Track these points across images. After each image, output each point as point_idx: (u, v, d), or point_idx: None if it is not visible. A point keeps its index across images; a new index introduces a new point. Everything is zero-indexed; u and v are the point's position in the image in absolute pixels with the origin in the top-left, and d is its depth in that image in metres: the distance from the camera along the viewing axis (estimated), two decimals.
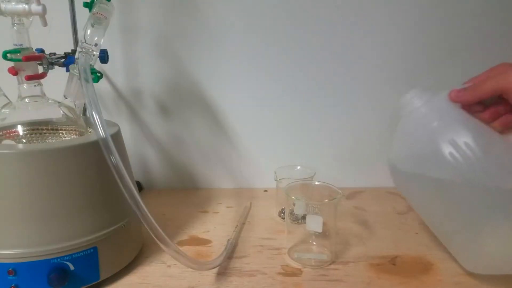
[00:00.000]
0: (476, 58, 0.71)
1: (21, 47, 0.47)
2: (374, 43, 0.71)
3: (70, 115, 0.52)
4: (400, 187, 0.54)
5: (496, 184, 0.42)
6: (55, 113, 0.51)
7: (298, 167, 0.67)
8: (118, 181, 0.40)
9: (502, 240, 0.44)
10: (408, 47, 0.71)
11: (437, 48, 0.71)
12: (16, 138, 0.50)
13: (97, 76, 0.49)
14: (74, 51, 0.54)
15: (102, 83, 0.72)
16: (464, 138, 0.43)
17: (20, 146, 0.45)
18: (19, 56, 0.47)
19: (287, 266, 0.51)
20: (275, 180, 0.65)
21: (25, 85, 0.48)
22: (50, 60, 0.51)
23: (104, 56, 0.51)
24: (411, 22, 0.70)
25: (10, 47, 0.47)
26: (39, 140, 0.52)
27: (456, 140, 0.43)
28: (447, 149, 0.44)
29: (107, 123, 0.42)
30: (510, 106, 0.44)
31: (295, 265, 0.51)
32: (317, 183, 0.56)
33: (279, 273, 0.49)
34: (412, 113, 0.48)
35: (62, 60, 0.52)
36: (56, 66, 0.52)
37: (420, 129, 0.47)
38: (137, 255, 0.52)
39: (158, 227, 0.41)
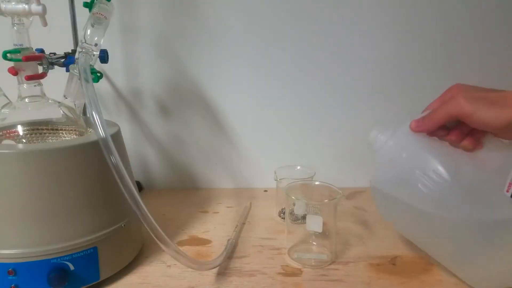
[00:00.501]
0: (474, 58, 0.71)
1: (21, 47, 0.47)
2: (374, 43, 0.71)
3: (70, 115, 0.52)
4: (383, 213, 0.53)
5: (469, 212, 0.42)
6: (55, 113, 0.51)
7: (298, 167, 0.67)
8: (118, 181, 0.40)
9: (492, 262, 0.43)
10: (408, 48, 0.71)
11: (437, 49, 0.71)
12: (16, 138, 0.50)
13: (97, 76, 0.49)
14: (74, 51, 0.54)
15: (102, 83, 0.72)
16: (432, 167, 0.43)
17: (20, 146, 0.45)
18: (19, 56, 0.47)
19: (287, 266, 0.51)
20: (275, 180, 0.65)
21: (25, 85, 0.48)
22: (50, 60, 0.51)
23: (104, 56, 0.51)
24: (412, 23, 0.70)
25: (10, 47, 0.47)
26: (39, 140, 0.52)
27: (425, 169, 0.44)
28: (418, 180, 0.44)
29: (107, 123, 0.42)
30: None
31: (295, 265, 0.51)
32: (317, 183, 0.56)
33: (279, 273, 0.49)
34: (382, 148, 0.49)
35: (62, 60, 0.52)
36: (56, 66, 0.52)
37: (392, 163, 0.48)
38: (137, 255, 0.52)
39: (158, 227, 0.41)
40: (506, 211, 0.42)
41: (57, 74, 0.52)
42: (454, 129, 0.45)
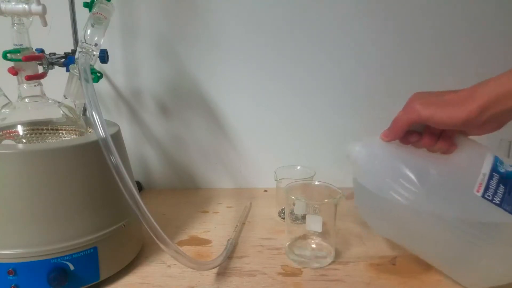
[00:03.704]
0: (474, 59, 0.71)
1: (21, 47, 0.47)
2: (374, 44, 0.71)
3: (70, 115, 0.52)
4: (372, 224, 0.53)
5: (443, 213, 0.43)
6: (55, 113, 0.51)
7: (298, 167, 0.67)
8: (118, 181, 0.40)
9: (475, 261, 0.43)
10: (406, 49, 0.71)
11: (436, 50, 0.71)
12: (16, 138, 0.50)
13: (97, 76, 0.49)
14: (74, 51, 0.54)
15: (102, 83, 0.72)
16: (402, 174, 0.45)
17: (20, 146, 0.45)
18: (19, 56, 0.47)
19: (287, 266, 0.51)
20: (275, 180, 0.65)
21: (25, 85, 0.48)
22: (50, 60, 0.51)
23: (104, 56, 0.51)
24: (412, 24, 0.70)
25: (10, 47, 0.47)
26: (39, 140, 0.52)
27: (395, 177, 0.45)
28: (390, 188, 0.45)
29: (107, 123, 0.42)
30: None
31: (295, 265, 0.51)
32: (317, 183, 0.56)
33: (279, 273, 0.49)
34: (357, 159, 0.49)
35: (62, 60, 0.52)
36: (56, 66, 0.52)
37: (366, 174, 0.48)
38: (137, 255, 0.52)
39: (158, 227, 0.41)
40: (477, 211, 0.42)
41: (57, 74, 0.52)
42: (425, 133, 0.47)
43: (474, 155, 0.45)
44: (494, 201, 0.42)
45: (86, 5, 0.50)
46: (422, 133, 0.47)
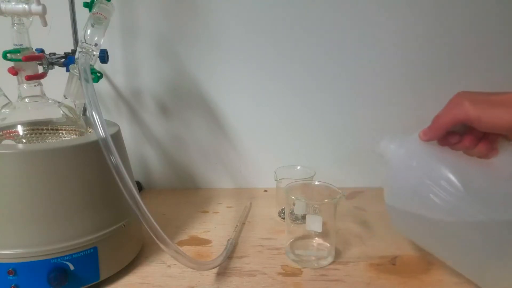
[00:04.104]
0: (476, 61, 0.71)
1: (21, 47, 0.47)
2: (375, 44, 0.71)
3: (70, 115, 0.52)
4: (400, 228, 0.52)
5: (482, 218, 0.41)
6: (55, 113, 0.51)
7: (298, 167, 0.67)
8: (118, 181, 0.40)
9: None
10: (408, 48, 0.71)
11: (437, 49, 0.71)
12: (16, 138, 0.50)
13: (97, 76, 0.49)
14: (74, 51, 0.54)
15: (102, 83, 0.72)
16: (443, 176, 0.43)
17: (20, 146, 0.45)
18: (19, 56, 0.47)
19: (287, 266, 0.51)
20: (275, 180, 0.65)
21: (25, 85, 0.48)
22: (50, 60, 0.51)
23: (104, 56, 0.51)
24: (411, 24, 0.70)
25: (10, 47, 0.47)
26: (39, 140, 0.52)
27: (436, 179, 0.43)
28: (429, 190, 0.43)
29: (107, 123, 0.42)
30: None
31: (295, 265, 0.51)
32: (317, 183, 0.56)
33: (279, 273, 0.49)
34: (394, 158, 0.48)
35: (62, 60, 0.52)
36: (56, 66, 0.52)
37: (403, 173, 0.47)
38: (137, 255, 0.52)
39: (158, 227, 0.40)
40: None
41: (57, 74, 0.52)
42: (466, 134, 0.45)
43: None
44: None
45: (86, 5, 0.50)
46: (462, 134, 0.45)
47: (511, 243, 0.41)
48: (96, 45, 0.48)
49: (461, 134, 0.45)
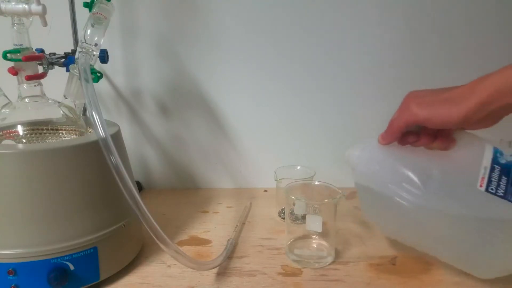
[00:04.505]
0: (475, 58, 0.71)
1: (21, 47, 0.47)
2: (375, 44, 0.71)
3: (70, 115, 0.52)
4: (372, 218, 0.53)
5: (448, 211, 0.42)
6: (55, 113, 0.51)
7: (298, 167, 0.67)
8: (118, 181, 0.40)
9: (485, 255, 0.43)
10: (408, 49, 0.71)
11: (437, 49, 0.71)
12: (16, 138, 0.50)
13: (97, 76, 0.49)
14: (74, 51, 0.54)
15: (102, 83, 0.72)
16: (404, 177, 0.44)
17: (20, 146, 0.45)
18: (19, 56, 0.47)
19: (287, 266, 0.51)
20: (275, 180, 0.65)
21: (25, 85, 0.48)
22: (50, 60, 0.51)
23: (104, 56, 0.51)
24: (411, 24, 0.70)
25: (10, 47, 0.47)
26: (39, 140, 0.52)
27: (397, 181, 0.45)
28: (394, 193, 0.45)
29: (107, 123, 0.42)
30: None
31: (295, 265, 0.51)
32: (317, 183, 0.56)
33: (279, 273, 0.49)
34: (358, 164, 0.49)
35: (62, 60, 0.52)
36: (56, 66, 0.52)
37: (369, 178, 0.48)
38: (137, 255, 0.52)
39: (158, 227, 0.41)
40: (482, 206, 0.42)
41: (57, 74, 0.52)
42: (422, 132, 0.46)
43: (474, 149, 0.45)
44: (498, 193, 0.42)
45: (86, 5, 0.50)
46: (419, 132, 0.46)
47: (487, 234, 0.42)
48: (96, 45, 0.48)
49: (418, 133, 0.47)
